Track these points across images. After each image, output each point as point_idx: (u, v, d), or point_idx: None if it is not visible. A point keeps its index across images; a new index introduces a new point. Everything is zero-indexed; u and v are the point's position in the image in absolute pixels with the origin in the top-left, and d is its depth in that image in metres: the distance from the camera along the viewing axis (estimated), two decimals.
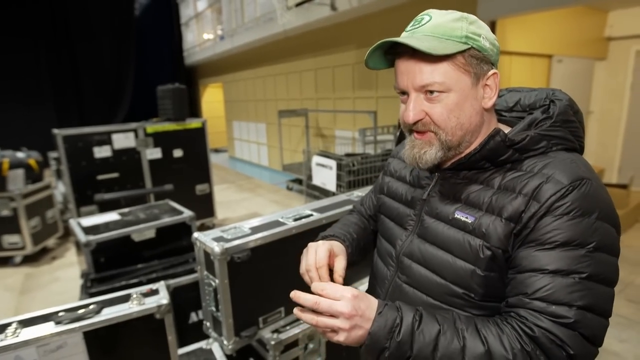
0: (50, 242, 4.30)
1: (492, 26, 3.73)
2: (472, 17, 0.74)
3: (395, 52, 0.76)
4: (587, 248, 0.65)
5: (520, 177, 0.72)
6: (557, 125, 0.73)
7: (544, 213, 0.67)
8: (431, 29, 0.72)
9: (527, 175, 0.71)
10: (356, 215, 1.11)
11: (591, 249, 0.65)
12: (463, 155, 0.78)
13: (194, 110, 10.58)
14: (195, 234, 1.53)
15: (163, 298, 1.38)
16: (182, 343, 1.88)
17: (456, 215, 0.77)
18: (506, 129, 0.78)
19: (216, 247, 1.39)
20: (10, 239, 3.84)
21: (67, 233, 4.47)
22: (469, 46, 0.71)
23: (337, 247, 0.91)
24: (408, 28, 0.76)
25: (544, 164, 0.71)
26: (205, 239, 1.47)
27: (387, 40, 0.72)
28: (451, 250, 0.76)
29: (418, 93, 0.74)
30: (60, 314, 1.26)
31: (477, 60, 0.72)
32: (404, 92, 0.77)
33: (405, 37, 0.73)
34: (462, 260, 0.74)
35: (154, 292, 1.42)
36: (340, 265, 0.86)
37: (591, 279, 0.64)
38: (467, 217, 0.75)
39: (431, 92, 0.73)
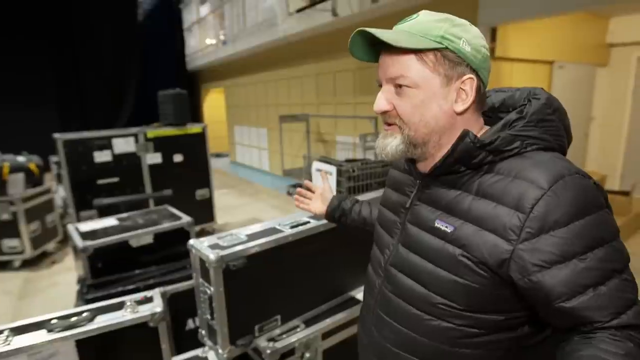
0: (50, 246, 4.29)
1: (493, 33, 3.73)
2: (461, 21, 0.74)
3: (379, 44, 0.77)
4: (608, 243, 0.64)
5: (498, 182, 0.70)
6: (532, 125, 0.72)
7: (539, 227, 0.63)
8: (411, 26, 0.73)
9: (505, 180, 0.69)
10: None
11: (610, 241, 0.65)
12: (438, 159, 0.77)
13: (196, 115, 10.60)
14: (191, 241, 1.52)
15: (157, 306, 1.37)
16: (179, 350, 1.86)
17: (436, 224, 0.75)
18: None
19: (211, 255, 1.38)
20: (9, 243, 3.83)
21: (67, 237, 4.46)
22: (443, 46, 0.71)
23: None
24: (397, 24, 0.77)
25: (520, 167, 0.69)
26: (201, 246, 1.46)
27: (358, 29, 0.73)
28: (432, 260, 0.75)
29: (389, 85, 0.76)
30: (53, 321, 1.25)
31: (449, 62, 0.72)
32: (380, 85, 0.79)
33: (379, 30, 0.74)
34: (443, 270, 0.73)
35: (148, 300, 1.41)
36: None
37: (627, 269, 0.65)
38: (446, 227, 0.74)
39: (400, 85, 0.74)
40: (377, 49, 0.78)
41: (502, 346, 0.74)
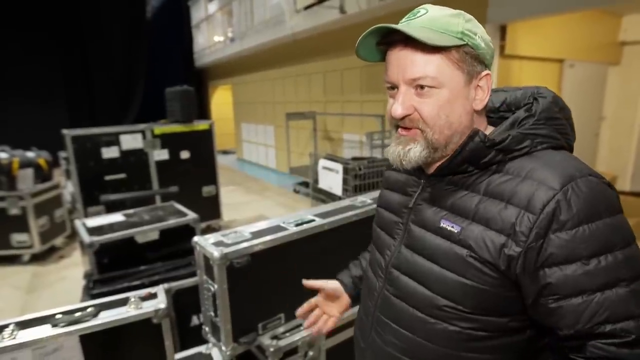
0: (58, 241, 4.34)
1: (503, 30, 3.68)
2: (469, 15, 0.72)
3: (388, 43, 0.73)
4: (618, 250, 0.61)
5: (507, 182, 0.68)
6: (541, 123, 0.70)
7: (546, 226, 0.62)
8: (427, 21, 0.69)
9: (515, 180, 0.67)
10: None
11: (621, 248, 0.62)
12: (445, 159, 0.75)
13: (203, 112, 10.65)
14: (195, 238, 1.52)
15: (161, 302, 1.37)
16: (183, 346, 1.87)
17: (442, 225, 0.73)
18: (492, 130, 0.76)
19: (215, 252, 1.38)
20: (18, 237, 3.88)
21: (75, 232, 4.50)
22: (465, 42, 0.68)
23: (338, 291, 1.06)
24: (403, 20, 0.73)
25: (530, 166, 0.67)
26: (205, 244, 1.46)
27: (381, 25, 0.69)
28: (438, 261, 0.73)
29: (408, 87, 0.71)
30: (58, 316, 1.26)
31: (471, 59, 0.70)
32: (393, 87, 0.74)
33: (403, 26, 0.70)
34: (450, 272, 0.71)
35: (153, 296, 1.41)
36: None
37: (637, 279, 0.61)
38: (452, 227, 0.71)
39: (422, 86, 0.69)
40: (383, 48, 0.75)
41: (512, 349, 0.72)
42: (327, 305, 1.07)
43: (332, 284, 1.06)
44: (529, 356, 0.74)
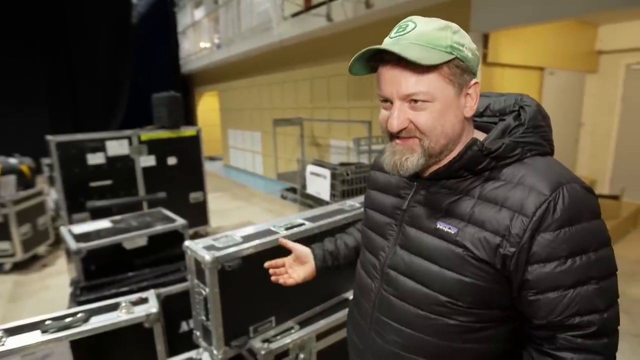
0: (41, 249, 4.25)
1: (485, 39, 3.78)
2: (456, 26, 0.74)
3: (379, 59, 0.75)
4: (592, 251, 0.68)
5: (501, 187, 0.73)
6: (529, 132, 0.75)
7: (535, 228, 0.67)
8: (416, 36, 0.71)
9: (508, 186, 0.72)
10: (348, 234, 1.19)
11: (595, 250, 0.68)
12: (442, 164, 0.78)
13: (190, 118, 10.57)
14: (186, 243, 1.52)
15: (152, 307, 1.37)
16: (172, 352, 1.86)
17: (438, 226, 0.77)
18: (479, 135, 0.80)
19: (207, 256, 1.38)
20: (0, 245, 3.79)
21: (59, 240, 4.42)
22: (454, 56, 0.71)
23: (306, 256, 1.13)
24: (392, 34, 0.75)
25: (522, 173, 0.72)
26: (196, 248, 1.47)
27: (374, 47, 0.71)
28: (437, 261, 0.76)
29: (402, 102, 0.74)
30: (47, 322, 1.25)
31: (460, 71, 0.73)
32: (386, 100, 0.76)
33: (390, 45, 0.72)
34: (449, 270, 0.74)
35: (144, 301, 1.41)
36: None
37: (605, 278, 0.69)
38: (449, 228, 0.75)
39: (415, 100, 0.72)
40: (375, 63, 0.77)
41: (505, 337, 0.78)
42: (292, 267, 1.14)
43: (303, 249, 1.14)
44: (519, 343, 0.79)
